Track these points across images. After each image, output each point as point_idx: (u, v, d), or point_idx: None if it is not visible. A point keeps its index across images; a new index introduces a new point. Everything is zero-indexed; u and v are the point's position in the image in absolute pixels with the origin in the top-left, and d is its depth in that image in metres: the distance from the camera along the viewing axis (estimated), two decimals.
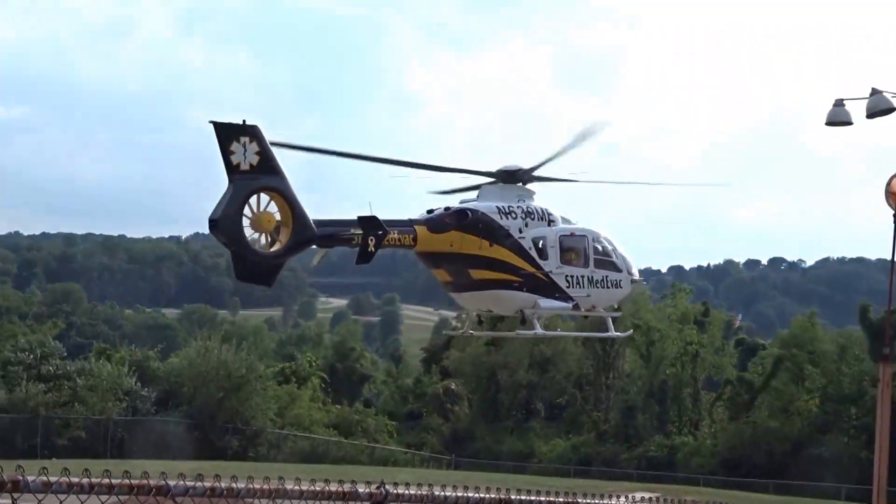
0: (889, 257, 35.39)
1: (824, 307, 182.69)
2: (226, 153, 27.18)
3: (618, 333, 38.94)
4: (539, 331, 35.14)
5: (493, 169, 34.41)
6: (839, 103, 35.50)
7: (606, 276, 36.42)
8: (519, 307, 34.59)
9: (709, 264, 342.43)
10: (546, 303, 34.95)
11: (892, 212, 34.16)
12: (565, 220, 35.63)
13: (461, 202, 33.79)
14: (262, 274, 28.91)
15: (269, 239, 28.06)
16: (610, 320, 37.17)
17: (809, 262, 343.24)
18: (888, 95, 34.22)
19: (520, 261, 34.35)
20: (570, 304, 35.88)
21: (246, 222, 27.46)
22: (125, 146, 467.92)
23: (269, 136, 27.96)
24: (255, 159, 27.54)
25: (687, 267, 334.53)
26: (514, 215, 34.29)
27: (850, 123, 35.71)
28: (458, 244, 32.73)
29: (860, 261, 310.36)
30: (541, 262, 34.75)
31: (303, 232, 28.73)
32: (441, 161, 32.64)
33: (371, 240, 30.31)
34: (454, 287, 33.69)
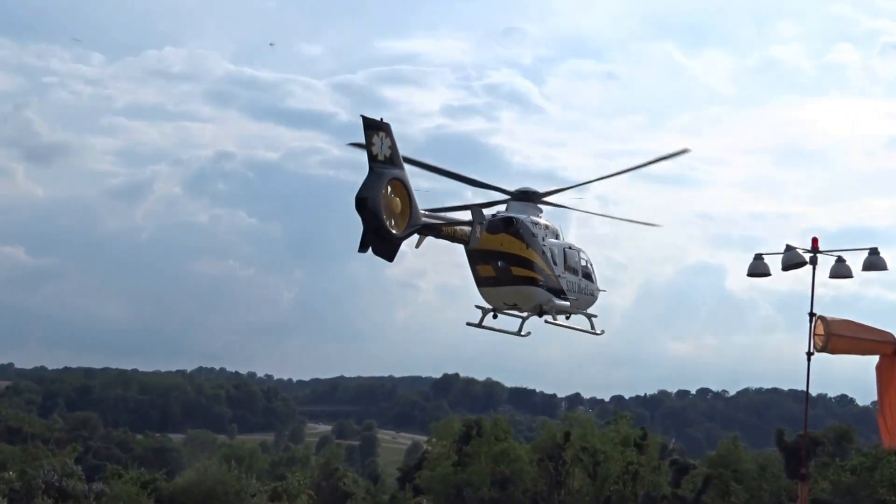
0: (801, 388, 35.62)
1: (745, 431, 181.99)
2: (368, 143, 29.71)
3: (598, 331, 40.66)
4: (552, 320, 37.93)
5: (512, 189, 37.54)
6: (759, 257, 36.15)
7: (588, 285, 39.82)
8: (539, 303, 37.27)
9: (645, 394, 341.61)
10: (558, 302, 37.99)
11: (806, 350, 34.40)
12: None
13: (493, 214, 36.45)
14: (388, 249, 30.57)
15: (393, 222, 30.04)
16: (592, 321, 40.30)
17: (731, 392, 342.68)
18: (800, 251, 34.83)
19: (544, 265, 37.19)
20: (569, 304, 38.79)
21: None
22: (139, 291, 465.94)
23: (262, 282, 28.73)
24: (388, 152, 30.02)
25: (626, 396, 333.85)
26: (539, 227, 37.37)
27: (768, 274, 36.27)
28: (507, 245, 35.87)
29: (775, 391, 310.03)
30: (554, 268, 37.76)
31: (416, 220, 31.10)
32: None
33: (452, 232, 33.73)
34: (495, 281, 36.06)
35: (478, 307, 38.03)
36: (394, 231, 30.16)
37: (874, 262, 35.76)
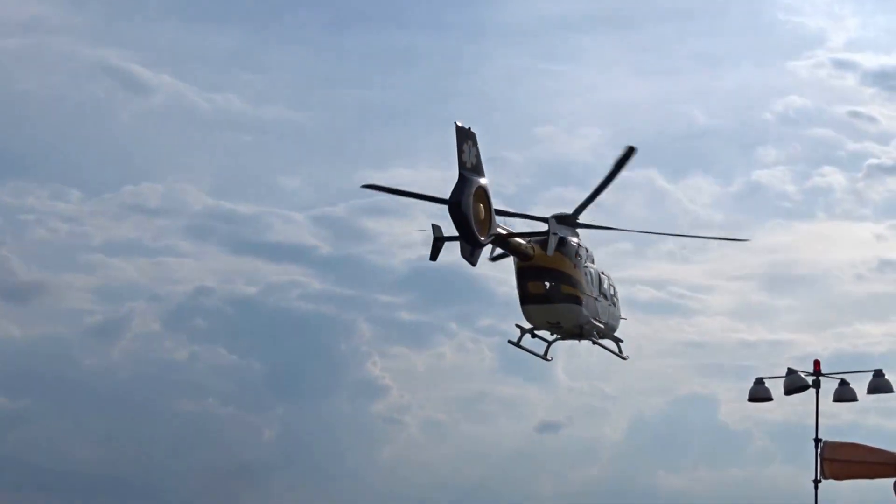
0: None
1: None
2: (459, 150, 31.98)
3: (625, 356, 42.84)
4: (597, 338, 40.60)
5: (546, 214, 38.55)
6: (759, 381, 35.51)
7: (615, 311, 42.19)
8: (580, 323, 39.26)
9: None
10: (596, 323, 40.15)
11: (812, 478, 33.48)
12: None
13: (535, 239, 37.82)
14: (472, 253, 33.55)
15: (477, 228, 32.55)
16: (619, 346, 42.50)
17: None
18: (802, 374, 34.19)
19: (587, 285, 39.40)
20: (603, 327, 40.95)
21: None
22: (115, 432, 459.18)
23: (242, 420, 28.62)
24: (474, 161, 32.46)
25: None
26: (582, 249, 39.58)
27: (769, 399, 35.62)
28: (559, 263, 37.82)
29: None
30: (592, 290, 39.84)
31: (494, 229, 33.64)
32: None
33: (518, 245, 36.09)
34: (543, 299, 37.91)
35: (518, 326, 40.04)
36: (480, 237, 32.66)
37: (879, 384, 35.15)
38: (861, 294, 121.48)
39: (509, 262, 38.61)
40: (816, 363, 35.20)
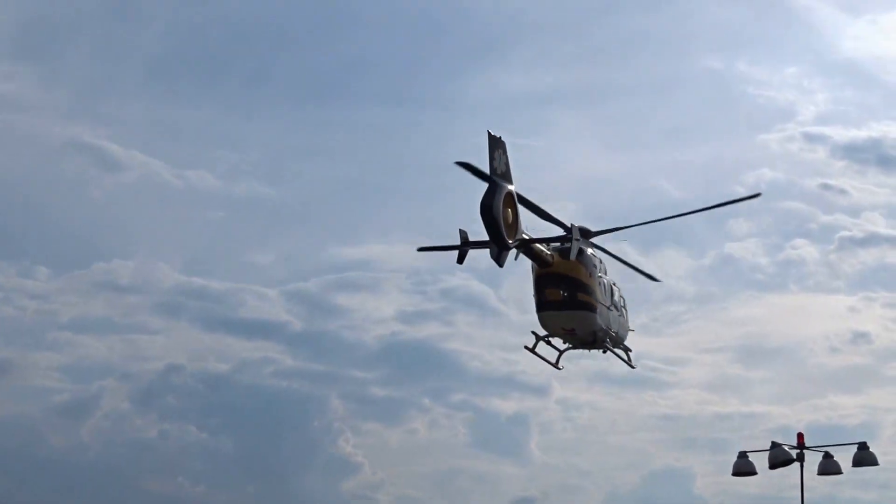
0: None
1: None
2: (491, 157, 33.56)
3: (634, 366, 45.57)
4: (610, 345, 42.62)
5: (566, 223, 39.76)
6: (743, 455, 35.14)
7: (625, 321, 44.43)
8: (594, 330, 41.06)
9: None
10: (608, 331, 42.07)
11: None
12: None
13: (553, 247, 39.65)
14: (500, 255, 34.72)
15: (505, 231, 33.60)
16: (629, 354, 44.94)
17: None
18: (786, 448, 33.83)
19: (601, 295, 41.13)
20: (615, 335, 42.97)
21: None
22: None
23: (213, 499, 28.82)
24: (504, 168, 33.85)
25: None
26: (597, 259, 41.39)
27: (754, 473, 35.22)
28: (576, 271, 39.61)
29: None
30: (605, 300, 41.61)
31: (520, 234, 35.05)
32: None
33: (540, 251, 37.79)
34: (560, 305, 39.64)
35: (533, 333, 41.97)
36: (508, 240, 33.80)
37: (864, 457, 34.85)
38: (835, 366, 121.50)
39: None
40: (800, 436, 34.92)
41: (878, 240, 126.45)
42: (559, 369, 43.27)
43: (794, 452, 34.40)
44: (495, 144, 34.01)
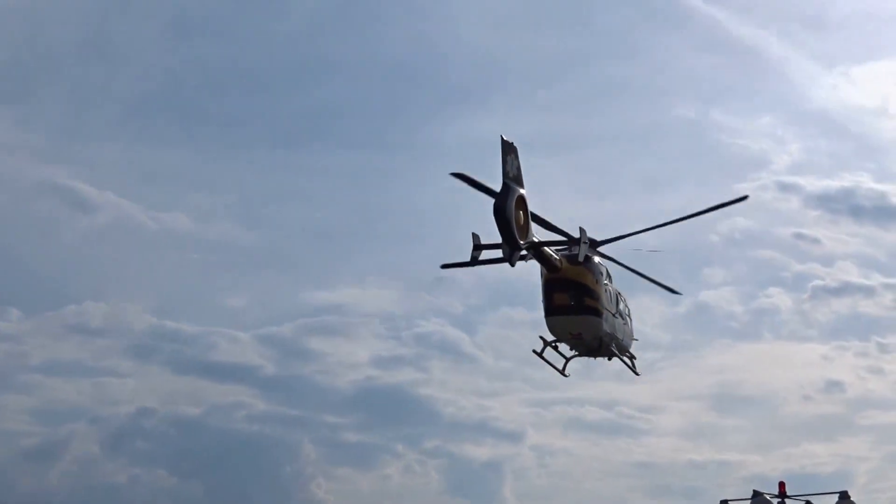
0: None
1: None
2: (504, 161, 35.27)
3: (638, 372, 47.29)
4: (616, 351, 44.03)
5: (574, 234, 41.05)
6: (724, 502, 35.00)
7: (628, 330, 45.55)
8: (600, 335, 42.52)
9: None
10: (614, 337, 43.46)
11: None
12: None
13: (562, 253, 41.03)
14: (511, 255, 35.83)
15: (517, 232, 34.96)
16: (633, 362, 46.73)
17: None
18: (768, 496, 33.68)
19: (606, 302, 42.46)
20: (620, 340, 44.52)
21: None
22: None
23: None
24: (515, 172, 35.62)
25: None
26: (603, 267, 42.99)
27: None
28: (583, 276, 41.19)
29: None
30: (611, 307, 42.90)
31: (530, 235, 36.41)
32: None
33: (549, 255, 39.29)
34: (568, 310, 41.17)
35: (541, 338, 43.72)
36: (519, 240, 35.17)
37: None
38: (808, 415, 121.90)
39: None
40: (781, 485, 34.80)
41: (851, 289, 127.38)
42: (566, 376, 44.86)
43: (775, 501, 34.25)
44: (508, 149, 35.71)
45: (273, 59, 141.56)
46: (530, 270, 41.76)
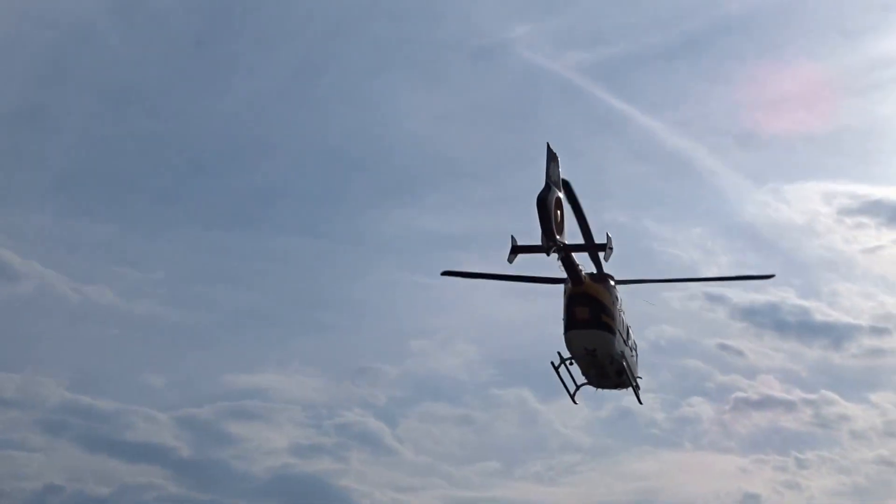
0: None
1: None
2: (547, 167, 39.73)
3: (641, 400, 51.02)
4: (621, 384, 47.73)
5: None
6: None
7: (634, 361, 48.79)
8: (612, 354, 45.61)
9: None
10: (623, 360, 46.73)
11: None
12: None
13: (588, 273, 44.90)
14: (548, 245, 40.21)
15: (554, 227, 39.40)
16: (637, 392, 49.80)
17: None
18: None
19: (619, 324, 45.81)
20: (627, 364, 47.31)
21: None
22: None
23: None
24: (556, 178, 40.06)
25: None
26: (617, 291, 46.15)
27: None
28: (602, 294, 44.63)
29: None
30: (622, 331, 46.28)
31: (563, 235, 40.32)
32: None
33: (574, 262, 42.90)
34: (586, 324, 44.37)
35: (558, 354, 46.76)
36: (555, 234, 39.41)
37: None
38: None
39: None
40: None
41: (773, 403, 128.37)
42: (575, 404, 48.63)
43: None
44: (552, 158, 40.04)
45: (212, 138, 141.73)
46: (461, 367, 42.46)
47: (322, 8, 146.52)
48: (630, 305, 47.63)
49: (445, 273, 49.76)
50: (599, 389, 49.46)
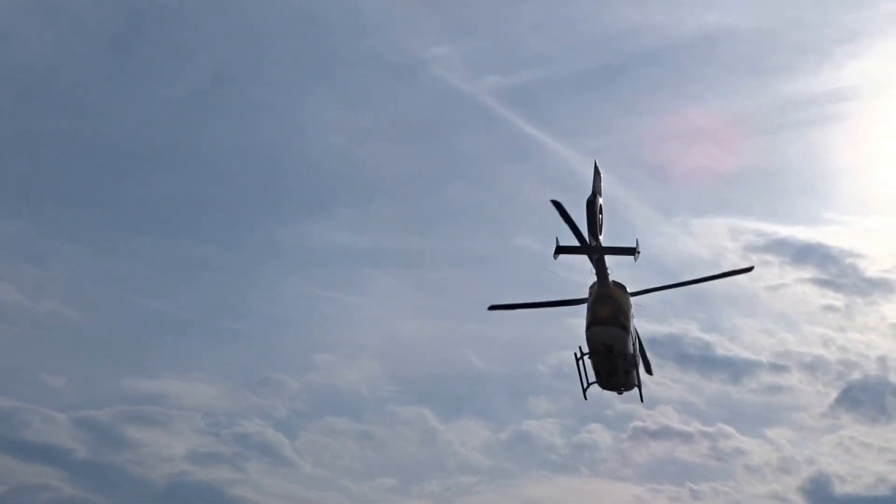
0: None
1: None
2: (594, 179, 48.65)
3: (642, 401, 56.82)
4: (627, 387, 54.03)
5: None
6: None
7: (638, 365, 54.36)
8: (625, 351, 51.54)
9: None
10: (633, 360, 52.90)
11: None
12: None
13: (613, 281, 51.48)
14: (589, 241, 48.70)
15: (598, 224, 47.73)
16: (641, 391, 55.57)
17: None
18: None
19: (632, 329, 51.86)
20: (633, 370, 53.84)
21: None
22: None
23: None
24: (599, 189, 48.46)
25: None
26: (631, 301, 51.85)
27: None
28: (622, 298, 51.19)
29: None
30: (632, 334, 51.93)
31: (599, 239, 48.49)
32: None
33: (603, 266, 49.91)
34: (607, 322, 50.61)
35: (580, 348, 52.45)
36: (597, 232, 47.24)
37: None
38: None
39: None
40: None
41: (670, 433, 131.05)
42: (585, 399, 54.58)
43: None
44: (597, 173, 48.57)
45: (126, 141, 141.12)
46: (363, 382, 43.11)
47: (244, 15, 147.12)
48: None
49: (492, 308, 56.88)
50: (605, 391, 55.38)
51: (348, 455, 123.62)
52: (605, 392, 55.93)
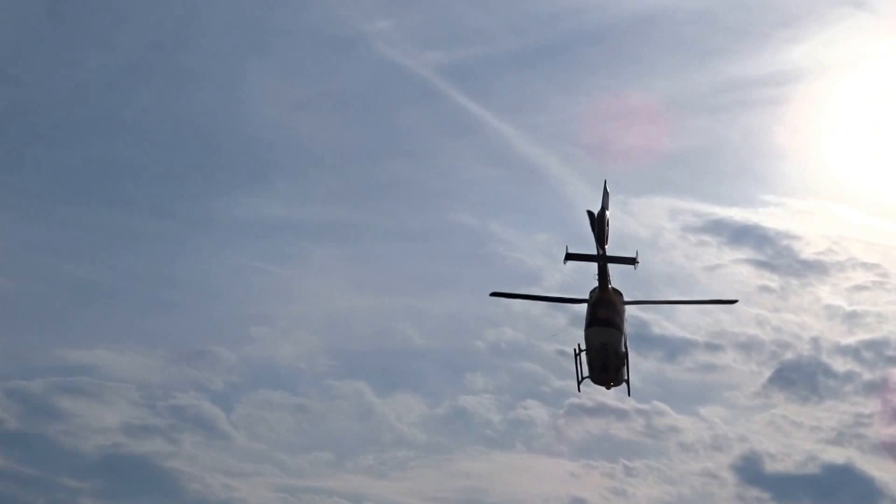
0: None
1: None
2: (603, 196, 52.88)
3: (629, 395, 60.75)
4: (615, 382, 57.91)
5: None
6: None
7: (626, 364, 57.59)
8: (618, 349, 56.15)
9: None
10: (622, 360, 56.78)
11: None
12: None
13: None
14: (598, 250, 52.99)
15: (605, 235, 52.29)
16: (629, 386, 58.67)
17: None
18: None
19: (624, 330, 56.21)
20: (623, 367, 57.77)
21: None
22: None
23: None
24: (608, 205, 52.57)
25: None
26: (623, 306, 56.63)
27: None
28: (617, 300, 55.58)
29: None
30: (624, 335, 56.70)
31: (604, 250, 52.42)
32: None
33: (605, 272, 53.88)
34: (606, 322, 55.38)
35: (578, 345, 56.52)
36: (604, 242, 51.95)
37: None
38: None
39: None
40: None
41: (605, 411, 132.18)
42: (579, 391, 59.33)
43: None
44: (605, 193, 52.81)
45: (60, 109, 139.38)
46: (301, 356, 42.55)
47: None
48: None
49: (494, 294, 59.26)
50: (593, 384, 58.66)
51: (284, 428, 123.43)
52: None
